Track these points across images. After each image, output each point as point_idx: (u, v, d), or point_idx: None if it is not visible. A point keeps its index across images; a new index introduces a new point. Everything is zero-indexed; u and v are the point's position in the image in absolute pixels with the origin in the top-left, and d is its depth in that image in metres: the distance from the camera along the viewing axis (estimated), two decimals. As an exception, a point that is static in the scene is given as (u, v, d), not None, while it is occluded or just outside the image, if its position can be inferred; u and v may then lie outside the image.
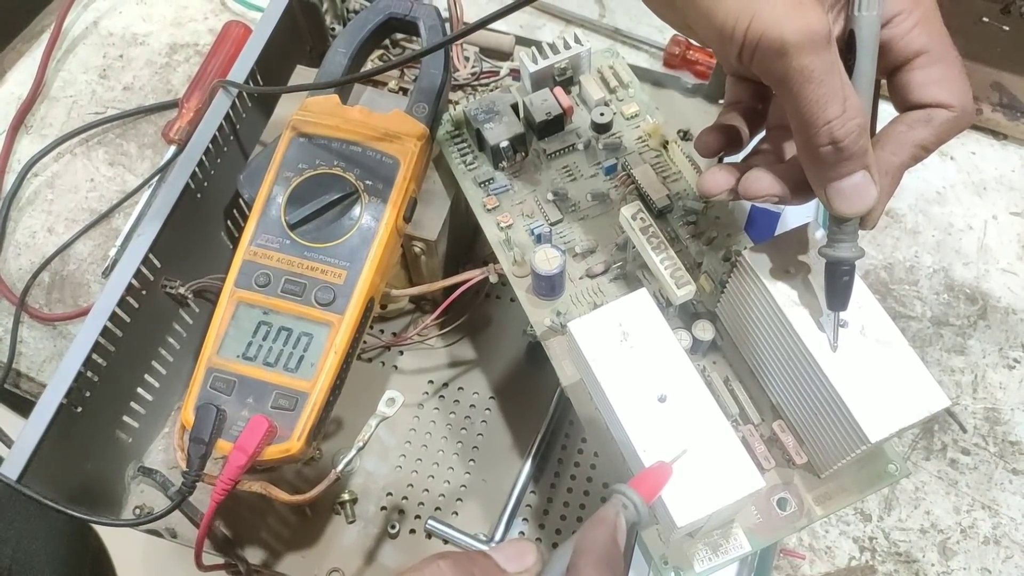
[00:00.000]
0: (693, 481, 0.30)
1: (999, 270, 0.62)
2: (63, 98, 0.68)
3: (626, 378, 0.32)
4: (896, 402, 0.32)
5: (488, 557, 0.26)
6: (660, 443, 0.31)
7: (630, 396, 0.32)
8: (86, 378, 0.42)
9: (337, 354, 0.41)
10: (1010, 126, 0.66)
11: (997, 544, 0.53)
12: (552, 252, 0.40)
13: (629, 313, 0.34)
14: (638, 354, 0.33)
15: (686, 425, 0.31)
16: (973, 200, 0.64)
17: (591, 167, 0.46)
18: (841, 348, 0.32)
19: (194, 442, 0.39)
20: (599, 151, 0.46)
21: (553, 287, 0.41)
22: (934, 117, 0.29)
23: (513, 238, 0.44)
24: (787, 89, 0.27)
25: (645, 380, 0.32)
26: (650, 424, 0.31)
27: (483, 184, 0.46)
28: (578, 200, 0.45)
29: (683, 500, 0.30)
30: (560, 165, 0.46)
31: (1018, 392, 0.57)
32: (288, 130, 0.45)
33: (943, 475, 0.55)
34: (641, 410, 0.32)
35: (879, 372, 0.32)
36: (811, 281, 0.34)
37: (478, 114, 0.45)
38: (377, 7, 0.50)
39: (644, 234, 0.38)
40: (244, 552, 0.47)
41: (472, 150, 0.47)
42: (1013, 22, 0.71)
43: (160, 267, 0.46)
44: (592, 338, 0.33)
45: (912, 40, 0.29)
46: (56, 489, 0.41)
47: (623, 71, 0.49)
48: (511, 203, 0.45)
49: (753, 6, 0.26)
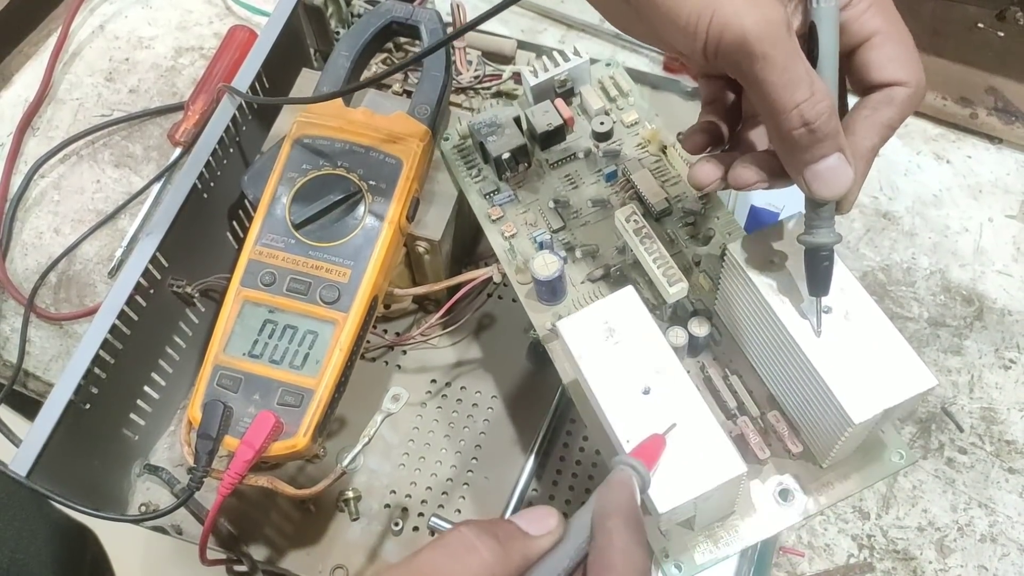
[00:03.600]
0: (675, 468, 0.31)
1: (995, 272, 0.62)
2: (69, 101, 0.69)
3: (611, 372, 0.33)
4: (880, 383, 0.32)
5: (511, 522, 0.27)
6: (643, 433, 0.32)
7: (615, 389, 0.33)
8: (94, 375, 0.43)
9: (342, 351, 0.41)
10: (1005, 130, 0.67)
11: (994, 542, 0.53)
12: (551, 258, 0.41)
13: (616, 310, 0.35)
14: (623, 349, 0.34)
15: (669, 415, 0.32)
16: (969, 203, 0.65)
17: (592, 174, 0.47)
18: (825, 333, 0.33)
19: (201, 438, 0.39)
20: (599, 159, 0.47)
21: (554, 292, 0.42)
22: (894, 96, 0.31)
23: (516, 246, 0.45)
24: (754, 79, 0.28)
25: (629, 374, 0.33)
26: (634, 415, 0.32)
27: (488, 196, 0.47)
28: (579, 207, 0.46)
29: (665, 486, 0.31)
30: (562, 174, 0.47)
31: (1014, 392, 0.58)
32: (292, 132, 0.46)
33: (940, 474, 0.55)
34: (625, 402, 0.33)
35: (864, 355, 0.33)
36: (791, 270, 0.34)
37: (481, 128, 0.46)
38: (379, 11, 0.50)
39: (637, 235, 0.39)
40: (248, 549, 0.47)
41: (477, 163, 0.48)
42: (1008, 28, 0.71)
43: (167, 266, 0.47)
44: (579, 336, 0.34)
45: (867, 21, 0.30)
46: (63, 486, 0.42)
47: (623, 80, 0.49)
48: (515, 212, 0.46)
49: (712, 4, 0.27)
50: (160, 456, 0.50)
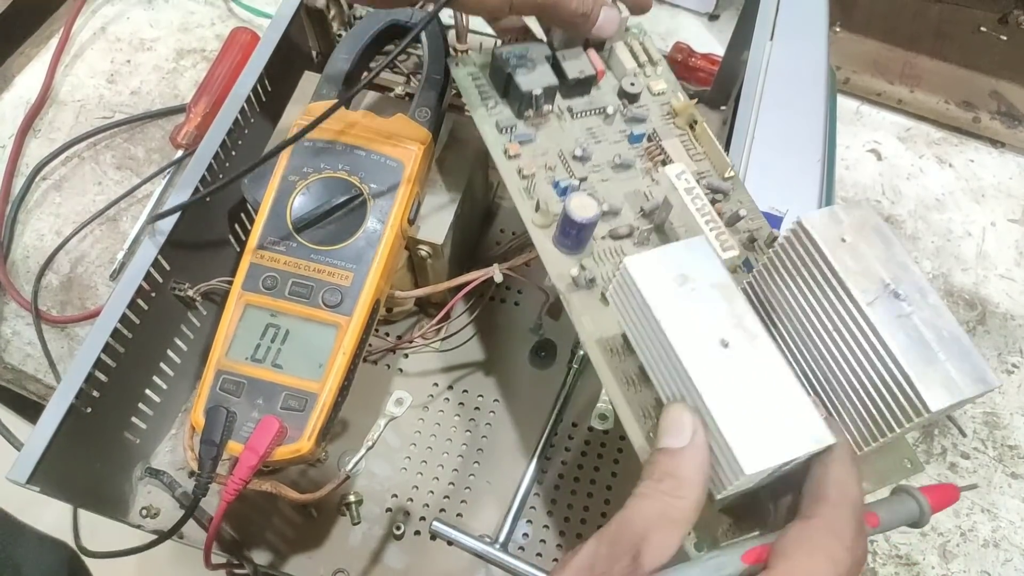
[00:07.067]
0: (762, 429, 0.29)
1: (997, 276, 0.62)
2: (71, 102, 0.69)
3: (687, 320, 0.31)
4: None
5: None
6: (725, 388, 0.29)
7: (692, 339, 0.30)
8: (96, 379, 0.43)
9: (345, 355, 0.41)
10: (1008, 134, 0.67)
11: (996, 547, 0.53)
12: (588, 200, 0.38)
13: (688, 257, 0.32)
14: (698, 298, 0.31)
15: (752, 373, 0.30)
16: (972, 207, 0.65)
17: (616, 133, 0.45)
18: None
19: (205, 444, 0.39)
20: (624, 119, 0.46)
21: (580, 240, 0.39)
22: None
23: (534, 188, 0.43)
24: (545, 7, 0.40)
25: (706, 324, 0.31)
26: (713, 368, 0.30)
27: (505, 130, 0.44)
28: (601, 163, 0.44)
29: (752, 446, 0.28)
30: (584, 126, 0.45)
31: (1017, 397, 0.58)
32: (292, 134, 0.46)
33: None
34: (703, 354, 0.30)
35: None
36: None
37: (510, 58, 0.44)
38: (379, 13, 0.50)
39: (689, 195, 0.37)
40: (250, 553, 0.47)
41: (493, 96, 0.45)
42: (1011, 32, 0.71)
43: (169, 269, 0.47)
44: (650, 277, 0.31)
45: None
46: (64, 490, 0.41)
47: (652, 49, 0.48)
48: (532, 154, 0.44)
49: None
50: (162, 460, 0.50)
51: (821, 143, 0.53)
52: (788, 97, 0.52)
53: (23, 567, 0.48)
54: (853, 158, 0.69)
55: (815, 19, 0.55)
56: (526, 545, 0.48)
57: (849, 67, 0.72)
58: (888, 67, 0.71)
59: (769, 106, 0.51)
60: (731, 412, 0.29)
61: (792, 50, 0.52)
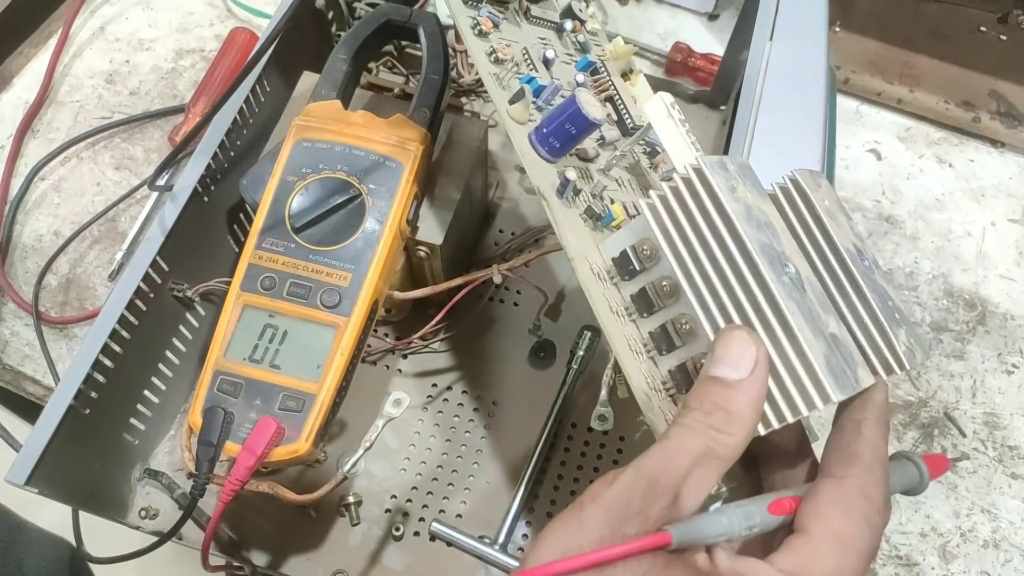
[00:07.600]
0: (833, 360, 0.27)
1: (997, 276, 0.62)
2: (70, 103, 0.69)
3: (760, 239, 0.28)
4: None
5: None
6: (801, 314, 0.27)
7: (769, 259, 0.28)
8: (94, 380, 0.43)
9: (343, 356, 0.41)
10: (1008, 134, 0.67)
11: (996, 548, 0.53)
12: (595, 99, 0.35)
13: (733, 170, 0.30)
14: (755, 218, 0.29)
15: (809, 304, 0.28)
16: (972, 207, 0.65)
17: (565, 55, 0.43)
18: None
19: (202, 445, 0.39)
20: (569, 41, 0.44)
21: (569, 143, 0.36)
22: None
23: (507, 79, 0.38)
24: None
25: (772, 247, 0.28)
26: (786, 293, 0.27)
27: (472, 3, 0.40)
28: (560, 81, 0.41)
29: (833, 375, 0.27)
30: (537, 34, 0.43)
31: (1017, 397, 0.58)
32: (291, 135, 0.46)
33: (943, 479, 0.55)
34: (778, 277, 0.28)
35: None
36: None
37: None
38: (376, 13, 0.50)
39: (682, 126, 0.35)
40: (249, 554, 0.47)
41: None
42: (1010, 31, 0.71)
43: (167, 270, 0.47)
44: (725, 185, 0.29)
45: None
46: (63, 491, 0.41)
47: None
48: (497, 39, 0.40)
49: None
50: (160, 460, 0.50)
51: (821, 143, 0.53)
52: (788, 97, 0.52)
53: (26, 563, 0.48)
54: (853, 158, 0.69)
55: (814, 19, 0.54)
56: (526, 546, 0.48)
57: (849, 67, 0.72)
58: (888, 67, 0.71)
59: (768, 106, 0.50)
60: (811, 340, 0.27)
61: (791, 50, 0.52)
